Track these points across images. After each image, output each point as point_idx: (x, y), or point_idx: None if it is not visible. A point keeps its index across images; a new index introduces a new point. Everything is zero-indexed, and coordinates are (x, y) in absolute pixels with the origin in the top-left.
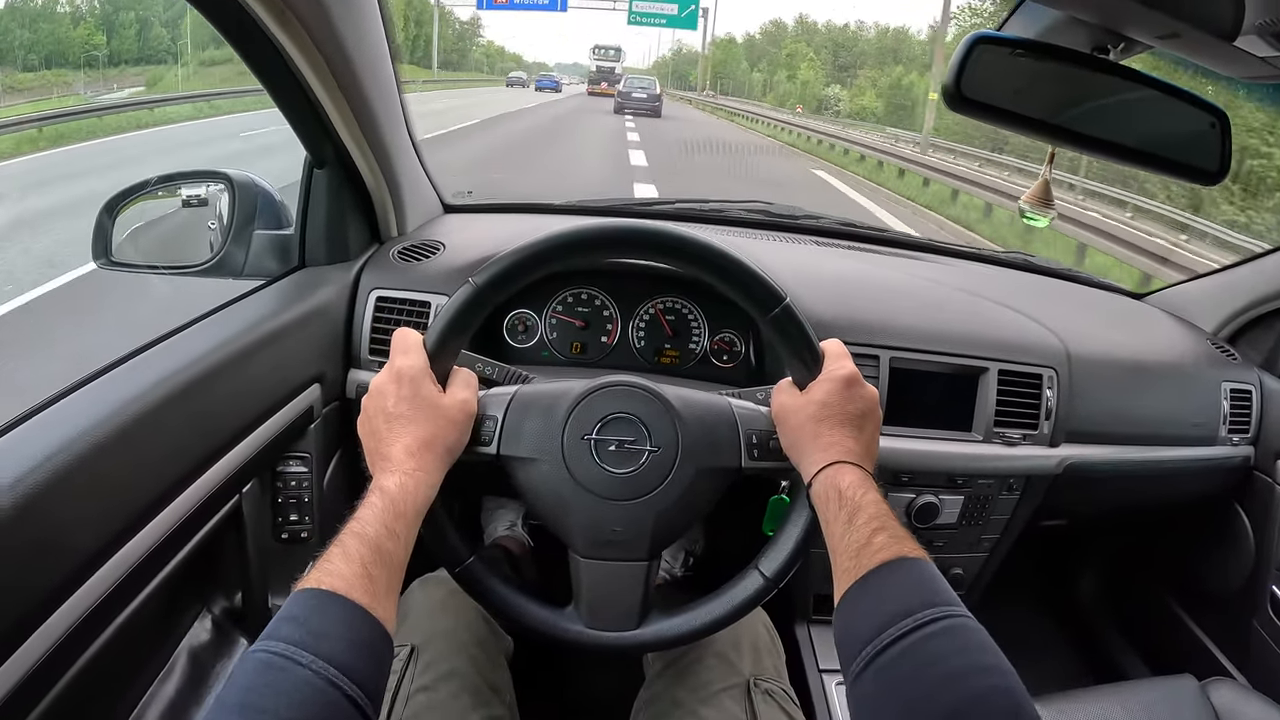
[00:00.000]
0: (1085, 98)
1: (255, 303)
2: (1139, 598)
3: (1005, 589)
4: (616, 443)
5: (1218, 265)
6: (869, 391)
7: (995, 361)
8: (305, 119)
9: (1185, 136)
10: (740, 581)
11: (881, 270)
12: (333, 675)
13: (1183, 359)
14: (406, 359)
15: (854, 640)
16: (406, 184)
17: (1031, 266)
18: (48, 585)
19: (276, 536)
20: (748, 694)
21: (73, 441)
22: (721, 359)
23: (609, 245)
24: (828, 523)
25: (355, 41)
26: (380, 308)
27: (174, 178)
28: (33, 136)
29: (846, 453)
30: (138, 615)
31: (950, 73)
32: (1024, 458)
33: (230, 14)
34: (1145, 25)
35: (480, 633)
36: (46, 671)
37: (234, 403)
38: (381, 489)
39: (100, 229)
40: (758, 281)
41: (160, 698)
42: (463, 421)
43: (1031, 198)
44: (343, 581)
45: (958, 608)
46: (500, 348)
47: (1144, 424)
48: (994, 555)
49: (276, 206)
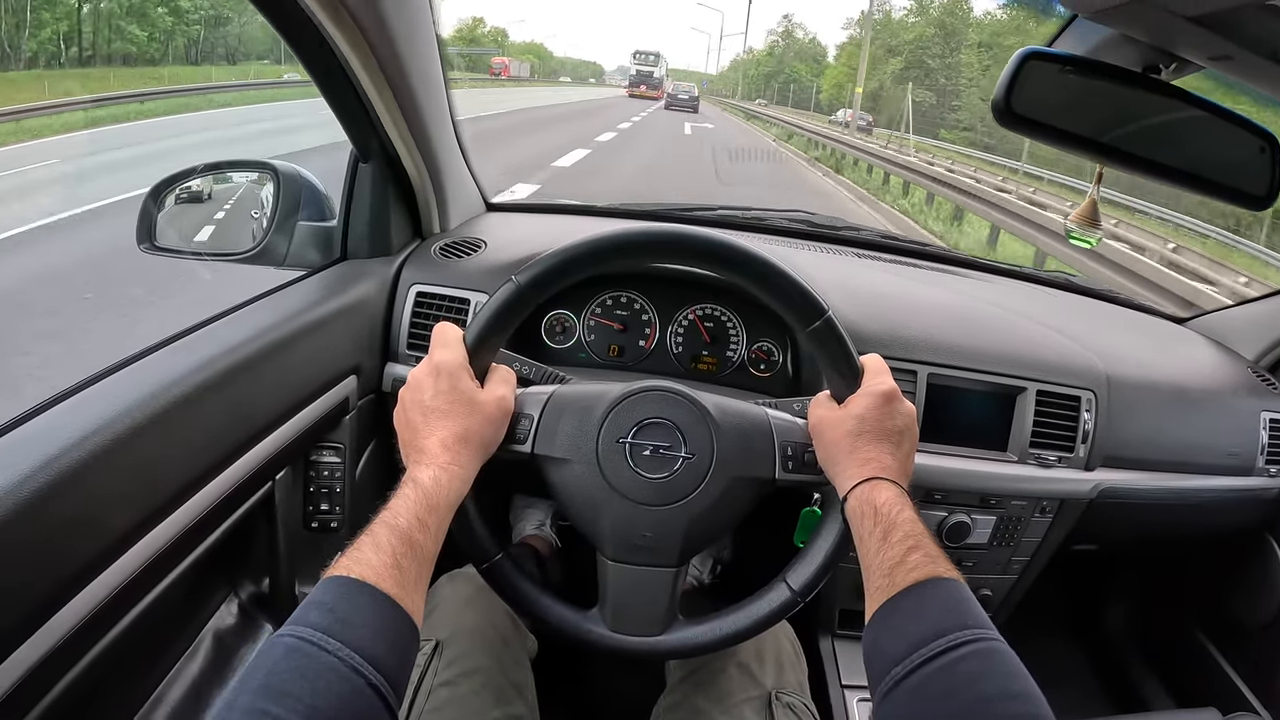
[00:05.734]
0: (1134, 117)
1: (296, 293)
2: (1166, 627)
3: (1033, 612)
4: (651, 448)
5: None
6: (907, 408)
7: (1034, 382)
8: (352, 113)
9: (1234, 160)
10: (767, 594)
11: (922, 285)
12: (357, 663)
13: (1222, 387)
14: (446, 353)
15: (884, 659)
16: (450, 181)
17: (1073, 286)
18: (79, 561)
19: (306, 525)
20: (768, 706)
21: (111, 422)
22: (759, 368)
23: (652, 249)
24: (861, 539)
25: (405, 38)
26: (420, 303)
27: (220, 165)
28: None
29: (883, 469)
30: (166, 595)
31: (1000, 87)
32: (1059, 480)
33: (287, 11)
34: (1197, 46)
35: (505, 631)
36: (74, 645)
37: (271, 390)
38: (415, 481)
39: (145, 214)
40: (800, 292)
41: (184, 677)
42: (499, 418)
43: (1079, 217)
44: (372, 571)
45: (990, 631)
46: (538, 348)
47: (1181, 451)
48: (1024, 578)
49: (320, 198)
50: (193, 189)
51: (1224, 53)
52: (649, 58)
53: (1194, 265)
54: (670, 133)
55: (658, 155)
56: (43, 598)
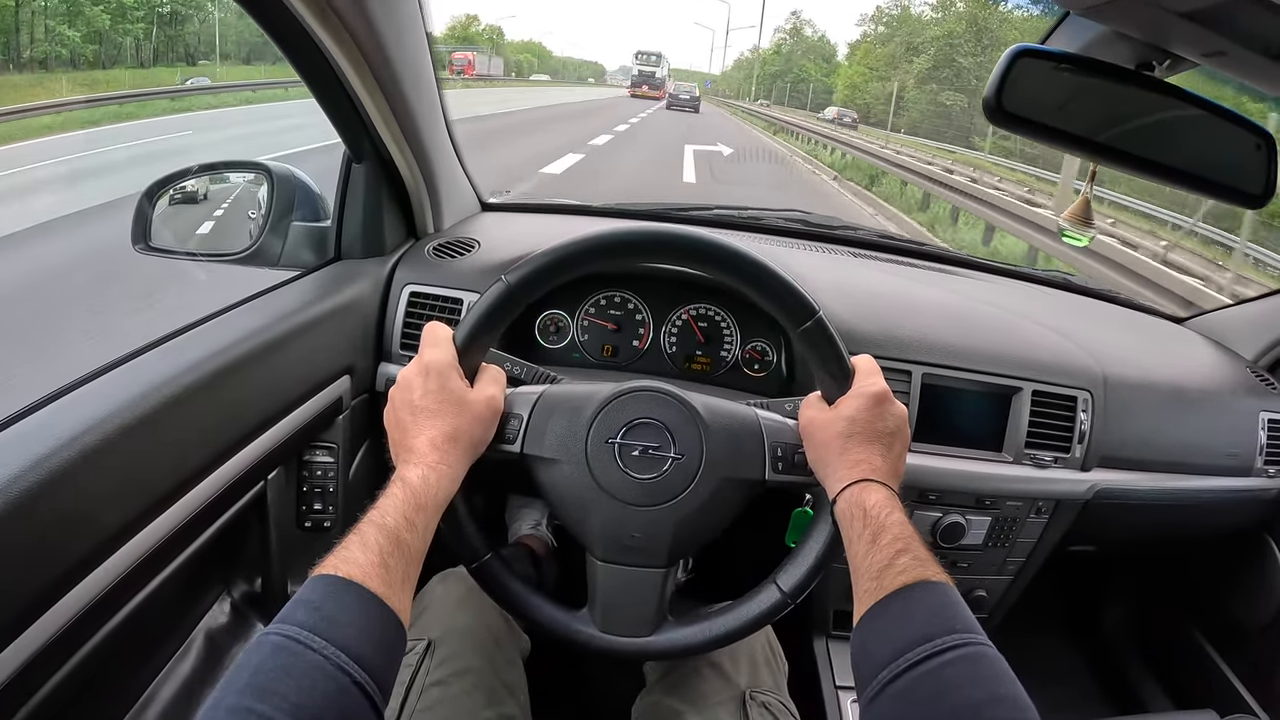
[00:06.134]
0: (1128, 115)
1: (289, 293)
2: (1164, 628)
3: (1028, 613)
4: (641, 448)
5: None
6: (899, 409)
7: (1029, 382)
8: (344, 114)
9: (1230, 158)
10: (756, 595)
11: (917, 284)
12: (343, 662)
13: (1221, 387)
14: (435, 353)
15: (871, 663)
16: (443, 181)
17: (1071, 286)
18: (70, 560)
19: (300, 524)
20: (743, 706)
21: (101, 422)
22: (753, 368)
23: (641, 249)
24: (850, 541)
25: (395, 40)
26: (413, 303)
27: (215, 166)
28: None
29: (873, 470)
30: (158, 594)
31: (991, 85)
32: (1054, 481)
33: (272, 10)
34: (1191, 42)
35: (498, 631)
36: (65, 643)
37: (264, 391)
38: (403, 480)
39: (140, 215)
40: (790, 292)
41: (175, 676)
42: (488, 417)
43: (1071, 216)
44: (359, 570)
45: (978, 635)
46: (532, 348)
47: (1178, 452)
48: (1019, 579)
49: (315, 199)
50: (187, 189)
51: (1218, 49)
52: (651, 58)
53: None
54: (659, 176)
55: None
56: (33, 596)
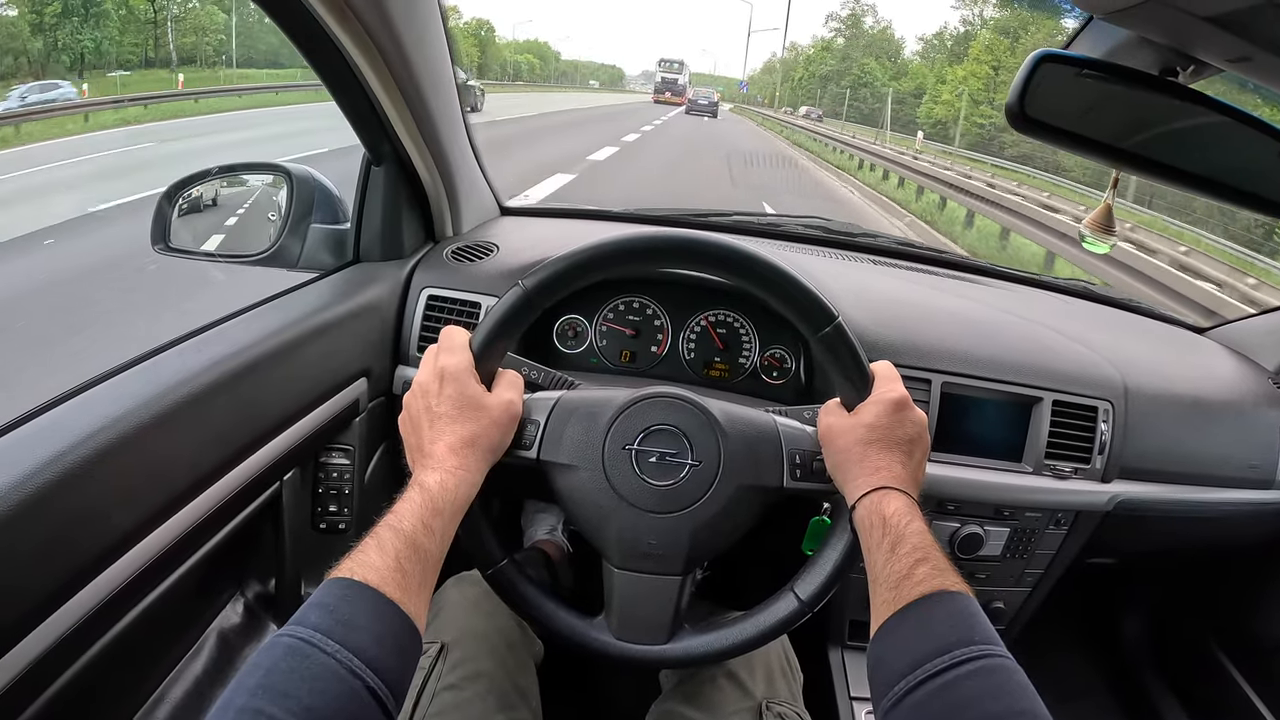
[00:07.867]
0: (1152, 121)
1: (308, 295)
2: (1184, 643)
3: (1047, 626)
4: (658, 454)
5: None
6: (918, 416)
7: (1050, 391)
8: (364, 117)
9: (1255, 166)
10: (774, 604)
11: (937, 292)
12: (356, 666)
13: (1243, 398)
14: (451, 358)
15: (888, 674)
16: (463, 185)
17: (1091, 295)
18: (84, 558)
19: (314, 526)
20: (759, 717)
21: (117, 420)
22: (771, 375)
23: (659, 255)
24: (869, 550)
25: (414, 43)
26: (431, 306)
27: (234, 168)
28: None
29: (893, 478)
30: (171, 593)
31: (1014, 91)
32: (1074, 492)
33: (292, 12)
34: (1216, 48)
35: (511, 635)
36: (77, 641)
37: (281, 392)
38: (421, 485)
39: (160, 216)
40: (809, 298)
41: (187, 675)
42: (506, 422)
43: (1092, 223)
44: (375, 574)
45: (996, 646)
46: (550, 353)
47: (1199, 464)
48: (1037, 590)
49: (334, 201)
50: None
51: (1243, 54)
52: (674, 65)
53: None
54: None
55: None
56: (47, 593)
